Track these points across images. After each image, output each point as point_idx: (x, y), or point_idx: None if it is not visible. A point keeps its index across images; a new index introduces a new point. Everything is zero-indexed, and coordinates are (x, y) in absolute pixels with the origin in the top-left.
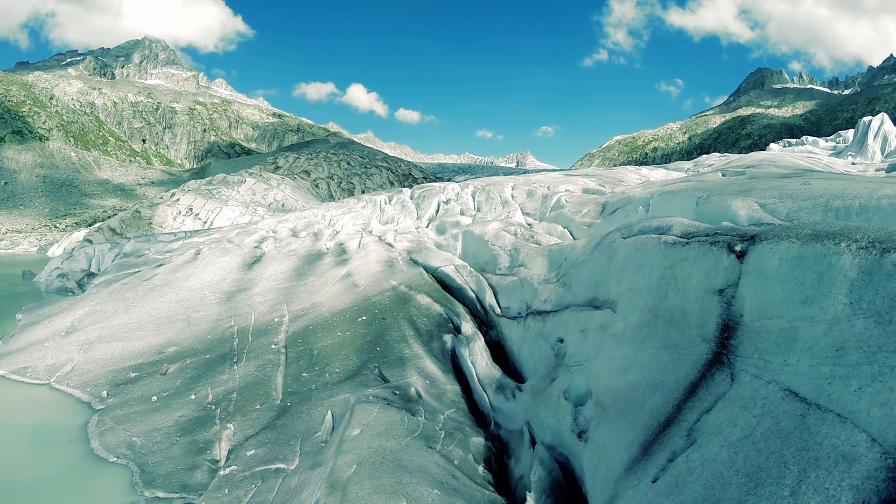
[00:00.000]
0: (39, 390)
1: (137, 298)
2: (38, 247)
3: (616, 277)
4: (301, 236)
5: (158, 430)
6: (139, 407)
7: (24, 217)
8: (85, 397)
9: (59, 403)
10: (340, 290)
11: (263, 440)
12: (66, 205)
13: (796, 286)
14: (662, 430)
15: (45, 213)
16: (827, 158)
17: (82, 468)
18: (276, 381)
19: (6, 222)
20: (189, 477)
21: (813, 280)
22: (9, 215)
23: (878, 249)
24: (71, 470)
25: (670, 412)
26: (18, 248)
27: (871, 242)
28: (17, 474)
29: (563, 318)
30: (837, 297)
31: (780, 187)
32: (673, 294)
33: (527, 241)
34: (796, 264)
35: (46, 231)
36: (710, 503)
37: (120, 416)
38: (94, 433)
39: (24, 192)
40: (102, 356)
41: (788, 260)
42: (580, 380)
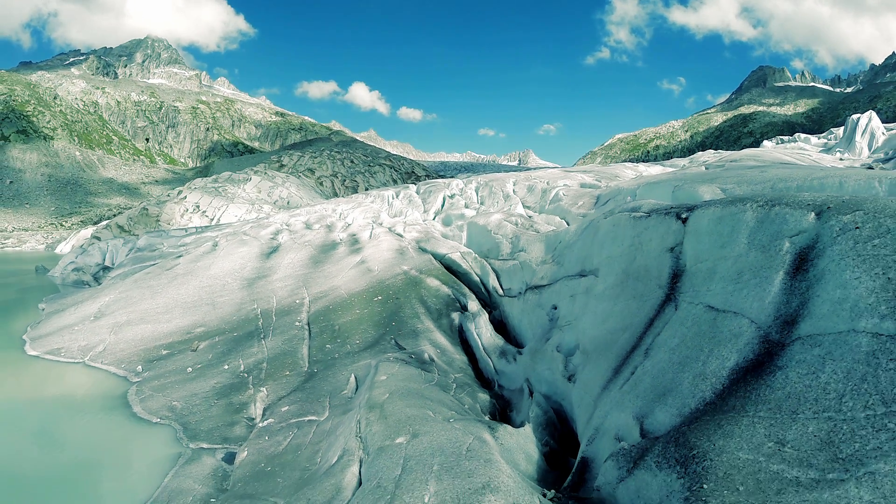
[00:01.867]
0: (75, 368)
1: (162, 286)
2: (45, 245)
3: (598, 249)
4: (315, 228)
5: (196, 395)
6: (175, 378)
7: (31, 216)
8: (120, 372)
9: (96, 378)
10: (356, 274)
11: (295, 399)
12: (71, 203)
13: (717, 237)
14: (628, 355)
15: (51, 211)
16: (816, 154)
17: (128, 428)
18: (302, 352)
19: (13, 221)
20: (229, 431)
21: (728, 231)
22: (15, 214)
23: (768, 206)
24: (118, 429)
25: (634, 342)
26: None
27: (766, 202)
28: (69, 434)
29: (556, 288)
30: (741, 240)
31: (742, 175)
32: (639, 256)
33: (526, 229)
34: (718, 222)
35: (52, 229)
36: (656, 387)
37: (157, 386)
38: (135, 400)
39: (29, 190)
40: (133, 337)
41: (713, 220)
42: (570, 335)
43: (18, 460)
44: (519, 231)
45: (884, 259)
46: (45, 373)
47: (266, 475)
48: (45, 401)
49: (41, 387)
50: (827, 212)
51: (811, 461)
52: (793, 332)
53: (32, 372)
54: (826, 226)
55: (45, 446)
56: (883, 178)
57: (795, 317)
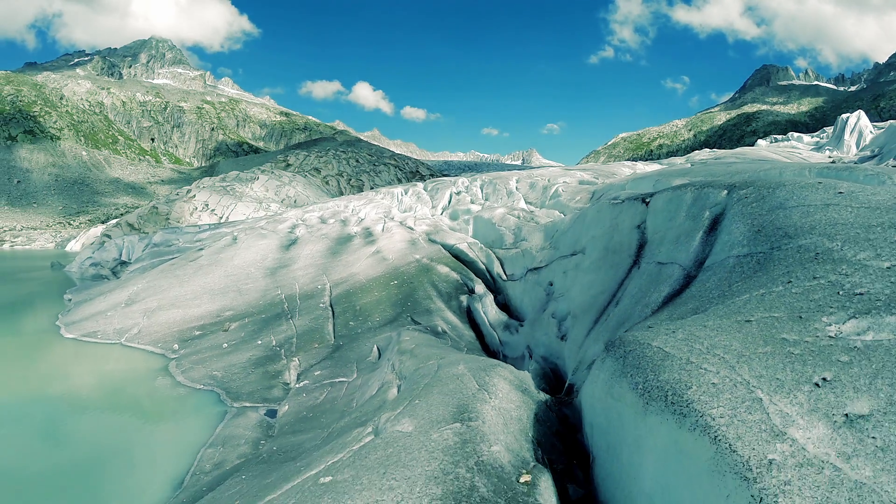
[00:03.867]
0: (113, 348)
1: (188, 275)
2: (54, 243)
3: (585, 232)
4: (330, 223)
5: (234, 365)
6: (211, 353)
7: (39, 215)
8: (157, 350)
9: (135, 356)
10: (372, 263)
11: (325, 365)
12: (78, 203)
13: (667, 213)
14: (605, 309)
15: (59, 210)
16: (807, 153)
17: (175, 393)
18: (328, 328)
19: (21, 220)
20: (268, 393)
21: (674, 208)
22: (23, 213)
23: (700, 188)
24: (165, 394)
25: (609, 299)
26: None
27: (700, 185)
28: (124, 398)
29: (552, 267)
30: (682, 214)
31: (711, 170)
32: (616, 234)
33: (528, 221)
34: (668, 202)
35: (60, 228)
36: (619, 321)
37: (196, 360)
38: (177, 371)
39: (37, 190)
40: (165, 320)
41: (665, 201)
42: (563, 304)
43: (88, 418)
44: (521, 223)
45: (754, 214)
46: (85, 352)
47: (309, 419)
48: (93, 373)
49: (86, 363)
50: (733, 188)
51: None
52: (701, 268)
53: (74, 352)
54: (730, 198)
55: (107, 408)
56: (813, 167)
57: (704, 258)
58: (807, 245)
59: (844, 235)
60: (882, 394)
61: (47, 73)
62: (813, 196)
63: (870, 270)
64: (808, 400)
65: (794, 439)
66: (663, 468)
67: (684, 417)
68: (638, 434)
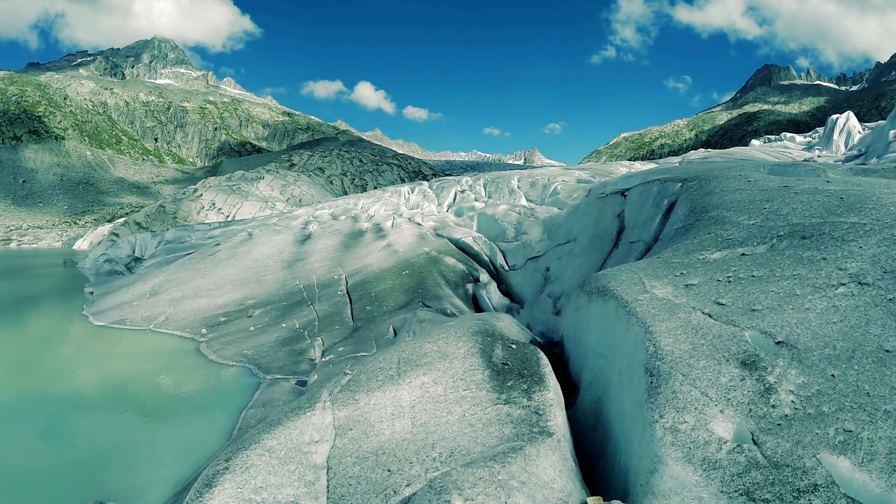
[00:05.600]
0: (143, 333)
1: (208, 268)
2: (61, 242)
3: (577, 222)
4: (341, 219)
5: (262, 345)
6: (239, 335)
7: (45, 214)
8: (186, 335)
9: (165, 340)
10: (384, 255)
11: (347, 343)
12: (84, 202)
13: (639, 204)
14: None
15: (64, 210)
16: (798, 152)
17: (209, 369)
18: (347, 312)
19: (27, 219)
20: (296, 367)
21: (644, 199)
22: (29, 212)
23: (664, 182)
24: (201, 370)
25: None
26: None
27: (664, 180)
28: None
29: (549, 255)
30: (649, 203)
31: (689, 168)
32: (601, 223)
33: (528, 217)
34: (640, 194)
35: (66, 227)
36: None
37: (226, 341)
38: (208, 351)
39: (42, 190)
40: (191, 308)
41: (637, 193)
42: (558, 286)
43: (137, 390)
44: (522, 218)
45: (693, 199)
46: (118, 337)
47: None
48: (130, 354)
49: (121, 346)
50: (685, 181)
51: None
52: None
53: (107, 337)
54: (682, 188)
55: (150, 381)
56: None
57: (659, 234)
58: (714, 216)
59: (736, 208)
60: (707, 276)
61: (50, 74)
62: (730, 185)
63: (741, 226)
64: (669, 282)
65: (654, 293)
66: (597, 328)
67: (605, 297)
68: (588, 318)
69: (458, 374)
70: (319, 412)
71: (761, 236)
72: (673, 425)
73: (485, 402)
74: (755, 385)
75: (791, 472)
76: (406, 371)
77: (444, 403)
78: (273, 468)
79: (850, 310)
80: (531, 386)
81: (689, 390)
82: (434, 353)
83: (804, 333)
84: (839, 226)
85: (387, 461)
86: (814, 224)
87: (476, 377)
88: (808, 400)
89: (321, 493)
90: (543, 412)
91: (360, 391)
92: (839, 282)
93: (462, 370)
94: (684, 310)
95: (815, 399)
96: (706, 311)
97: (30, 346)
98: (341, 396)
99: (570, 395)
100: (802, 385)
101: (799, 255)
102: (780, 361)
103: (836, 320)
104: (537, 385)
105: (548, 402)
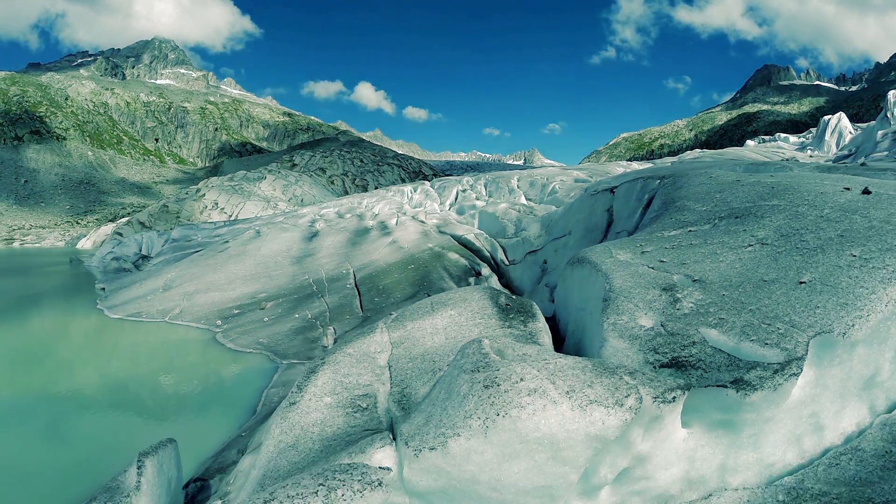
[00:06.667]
0: (159, 325)
1: (219, 264)
2: (64, 241)
3: (571, 217)
4: (347, 217)
5: (277, 333)
6: (254, 326)
7: (47, 214)
8: (202, 326)
9: (182, 330)
10: (390, 251)
11: (357, 331)
12: (85, 202)
13: (625, 199)
14: None
15: (66, 209)
16: (790, 153)
17: (228, 356)
18: (356, 304)
19: (29, 219)
20: (311, 353)
21: (629, 195)
22: (31, 212)
23: (646, 179)
24: (219, 357)
25: None
26: (45, 243)
27: (646, 177)
28: (185, 360)
29: (546, 249)
30: (633, 198)
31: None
32: (593, 217)
33: (527, 214)
34: (626, 190)
35: (69, 227)
36: None
37: (241, 331)
38: (225, 340)
39: (44, 190)
40: (204, 302)
41: (623, 189)
42: (554, 276)
43: (161, 374)
44: (521, 216)
45: (666, 193)
46: (136, 328)
47: None
48: (150, 343)
49: (140, 336)
50: (662, 178)
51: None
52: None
53: (125, 328)
54: (660, 184)
55: (172, 367)
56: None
57: (640, 224)
58: (678, 205)
59: (695, 198)
60: (658, 245)
61: (51, 74)
62: (696, 181)
63: (695, 212)
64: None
65: (617, 258)
66: (578, 288)
67: (583, 264)
68: (571, 283)
69: (475, 309)
70: (379, 334)
71: (708, 218)
72: (614, 321)
73: (493, 326)
74: (668, 299)
75: (681, 337)
76: (438, 308)
77: (466, 326)
78: (353, 365)
79: (749, 260)
80: (527, 319)
81: (627, 304)
82: (457, 298)
83: (713, 274)
84: (763, 207)
85: (430, 358)
86: (746, 207)
87: (487, 312)
88: (702, 305)
89: (386, 380)
90: (535, 334)
91: (407, 321)
92: (748, 244)
93: (477, 308)
94: (635, 265)
95: (706, 305)
96: (651, 266)
97: (54, 338)
98: (393, 325)
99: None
100: (700, 299)
101: (729, 228)
102: (690, 288)
103: (738, 266)
104: (531, 318)
105: (538, 328)
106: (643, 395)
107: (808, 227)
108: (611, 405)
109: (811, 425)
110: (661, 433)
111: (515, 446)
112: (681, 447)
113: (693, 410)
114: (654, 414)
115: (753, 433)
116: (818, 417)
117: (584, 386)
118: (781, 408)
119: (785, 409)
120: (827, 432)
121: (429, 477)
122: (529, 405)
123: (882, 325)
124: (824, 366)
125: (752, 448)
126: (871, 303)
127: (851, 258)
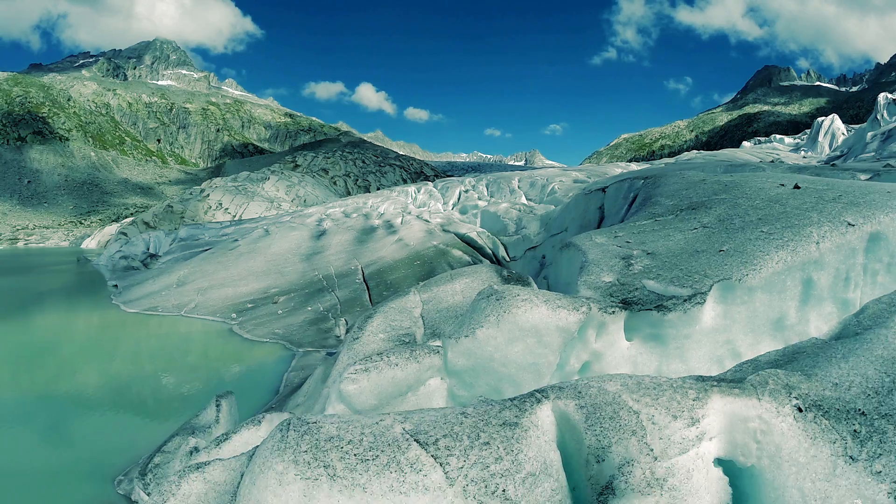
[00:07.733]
0: (175, 318)
1: (230, 261)
2: (68, 241)
3: (568, 215)
4: (353, 217)
5: (291, 325)
6: (268, 318)
7: (50, 214)
8: (217, 319)
9: (198, 323)
10: (397, 248)
11: None
12: (89, 202)
13: (615, 197)
14: None
15: (70, 210)
16: (785, 154)
17: (245, 345)
18: (365, 297)
19: (33, 219)
20: (324, 342)
21: (618, 193)
22: (35, 212)
23: (632, 179)
24: (238, 346)
25: None
26: (49, 243)
27: (633, 178)
28: (205, 349)
29: (544, 245)
30: (620, 196)
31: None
32: (587, 215)
33: (527, 214)
34: (615, 190)
35: (72, 227)
36: None
37: (256, 323)
38: (242, 331)
39: (47, 190)
40: (218, 296)
41: (613, 189)
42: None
43: (187, 361)
44: (521, 215)
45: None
46: (154, 322)
47: None
48: (170, 335)
49: (160, 328)
50: (645, 179)
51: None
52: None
53: (144, 321)
54: (643, 184)
55: (195, 355)
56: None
57: (625, 218)
58: (654, 200)
59: (667, 194)
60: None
61: (53, 75)
62: (671, 180)
63: (666, 205)
64: (606, 236)
65: (595, 241)
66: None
67: (569, 247)
68: (560, 264)
69: (484, 278)
70: (413, 295)
71: (672, 210)
72: (585, 279)
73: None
74: (625, 264)
75: (629, 286)
76: (456, 278)
77: (477, 288)
78: (396, 314)
79: (691, 238)
80: (523, 284)
81: (595, 268)
82: (470, 271)
83: (662, 248)
84: (714, 200)
85: (452, 310)
86: (702, 201)
87: (493, 280)
88: (648, 268)
89: (420, 325)
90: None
91: (433, 287)
92: (694, 227)
93: (486, 277)
94: (607, 245)
95: (651, 268)
96: (619, 245)
97: (78, 332)
98: (422, 289)
99: None
100: (647, 264)
101: (685, 217)
102: (642, 258)
103: (682, 243)
104: (526, 285)
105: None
106: (592, 307)
107: (739, 213)
108: (570, 309)
109: (729, 351)
110: (609, 337)
111: (515, 332)
112: (626, 353)
113: (633, 329)
114: (600, 320)
115: (678, 346)
116: (734, 345)
117: (556, 300)
118: (696, 329)
119: (701, 332)
120: (745, 359)
121: (463, 358)
122: (523, 306)
123: (776, 277)
124: (728, 303)
125: (679, 359)
126: (763, 261)
127: (761, 233)
